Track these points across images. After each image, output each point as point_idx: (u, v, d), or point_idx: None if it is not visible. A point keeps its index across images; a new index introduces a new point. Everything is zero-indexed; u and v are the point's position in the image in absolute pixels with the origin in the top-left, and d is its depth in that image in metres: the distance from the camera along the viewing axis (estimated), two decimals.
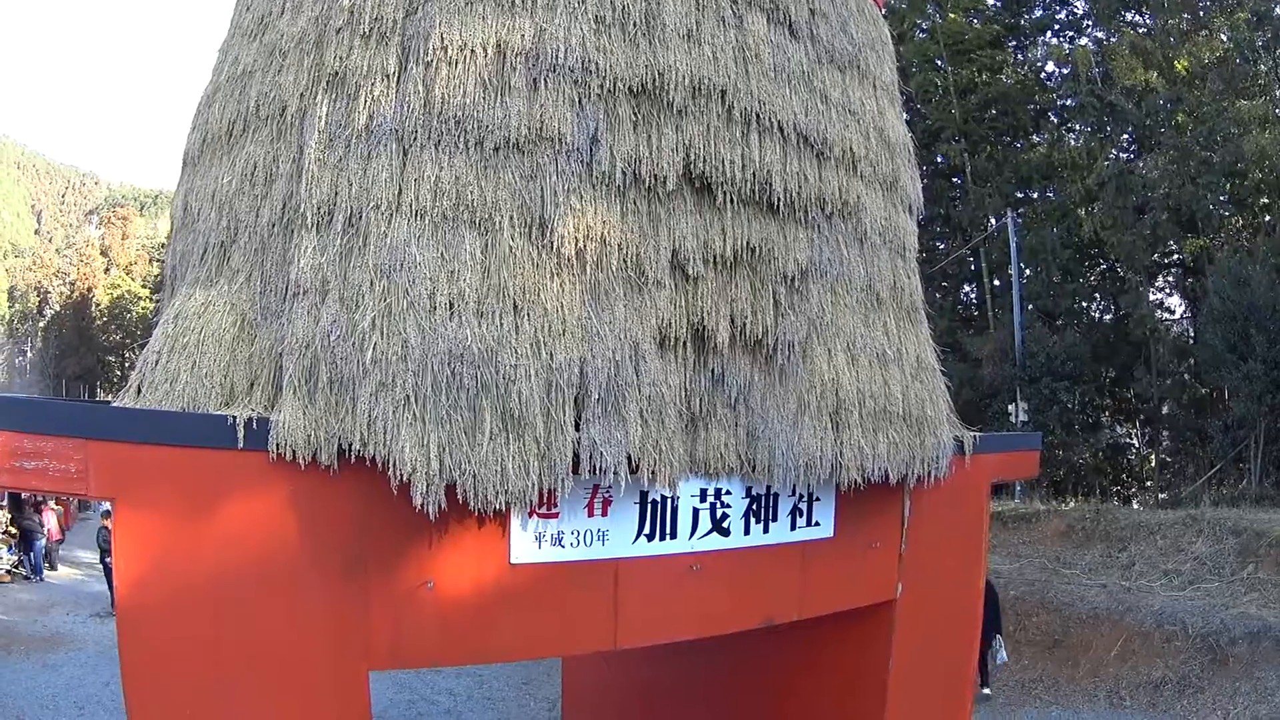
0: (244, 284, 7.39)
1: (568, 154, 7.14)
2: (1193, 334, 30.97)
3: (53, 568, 27.89)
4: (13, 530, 27.31)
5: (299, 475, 6.47)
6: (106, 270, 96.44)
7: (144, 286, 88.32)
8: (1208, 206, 28.18)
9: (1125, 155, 32.96)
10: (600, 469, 6.79)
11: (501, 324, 6.65)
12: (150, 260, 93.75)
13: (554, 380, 6.68)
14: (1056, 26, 36.57)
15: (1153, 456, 33.11)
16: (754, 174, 7.88)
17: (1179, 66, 30.59)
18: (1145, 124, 30.63)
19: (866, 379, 8.60)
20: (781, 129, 8.11)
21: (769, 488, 8.46)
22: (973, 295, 37.68)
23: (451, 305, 6.61)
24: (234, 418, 6.41)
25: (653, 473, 7.12)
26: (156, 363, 7.05)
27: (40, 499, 26.78)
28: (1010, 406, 28.38)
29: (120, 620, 6.32)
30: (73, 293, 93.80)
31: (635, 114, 7.46)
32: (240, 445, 6.37)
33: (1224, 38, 30.39)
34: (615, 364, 6.92)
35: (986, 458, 10.68)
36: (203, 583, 6.37)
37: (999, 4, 37.04)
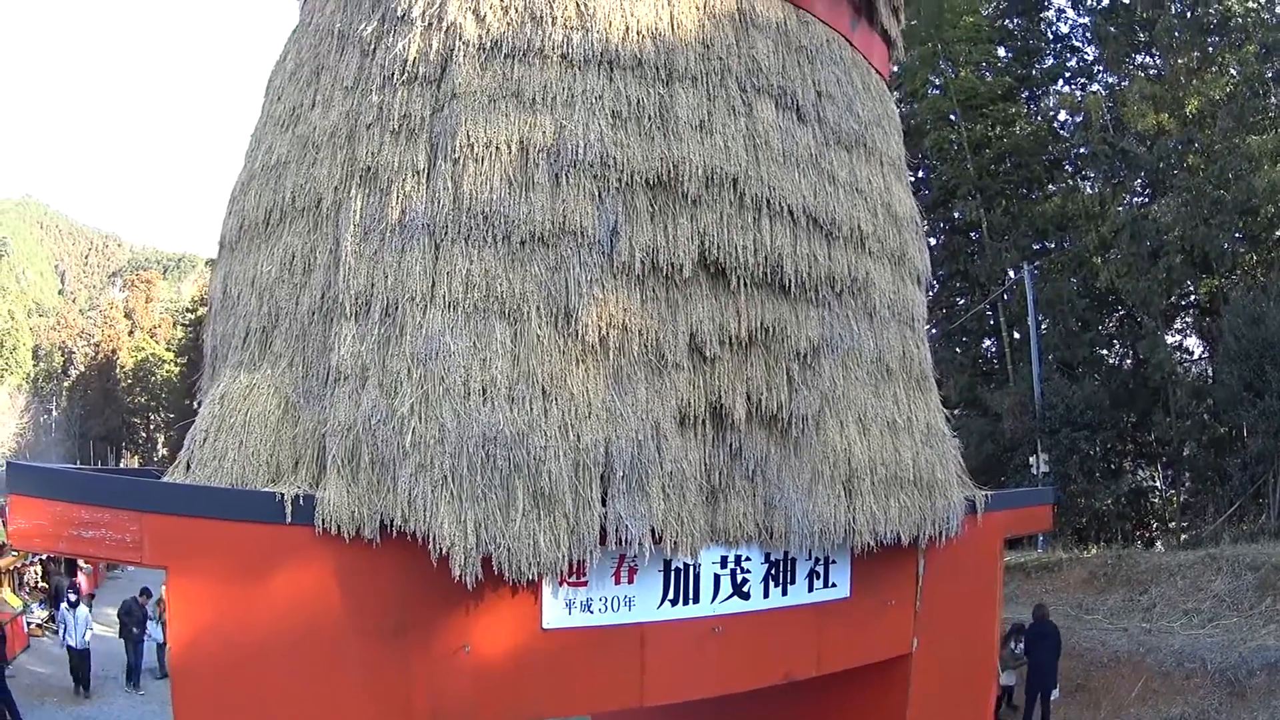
0: (286, 368, 7.84)
1: (589, 246, 7.59)
2: (1211, 374, 30.95)
3: None
4: (44, 585, 27.85)
5: (343, 548, 6.91)
6: (130, 333, 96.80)
7: (168, 350, 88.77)
8: (1221, 246, 28.16)
9: (1139, 199, 33.03)
10: (625, 541, 7.18)
11: (531, 408, 7.09)
12: (174, 324, 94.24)
13: (581, 460, 7.11)
14: (1068, 74, 36.73)
15: (1175, 497, 33.00)
16: (766, 258, 8.29)
17: (1189, 107, 30.68)
18: (1158, 167, 30.62)
19: (878, 447, 8.96)
20: (791, 212, 8.51)
21: (786, 553, 8.82)
22: (993, 349, 37.57)
23: (484, 391, 7.06)
24: (281, 494, 6.86)
25: (675, 543, 7.51)
26: (204, 441, 7.49)
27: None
28: (1031, 458, 28.43)
29: (174, 680, 6.74)
30: (97, 354, 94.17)
31: (652, 205, 7.90)
32: (288, 520, 6.83)
33: (1233, 72, 30.50)
34: (638, 443, 7.33)
35: (998, 515, 10.99)
36: (253, 646, 6.79)
37: (1009, 56, 37.21)
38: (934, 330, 36.62)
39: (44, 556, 27.42)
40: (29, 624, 25.23)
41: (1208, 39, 31.04)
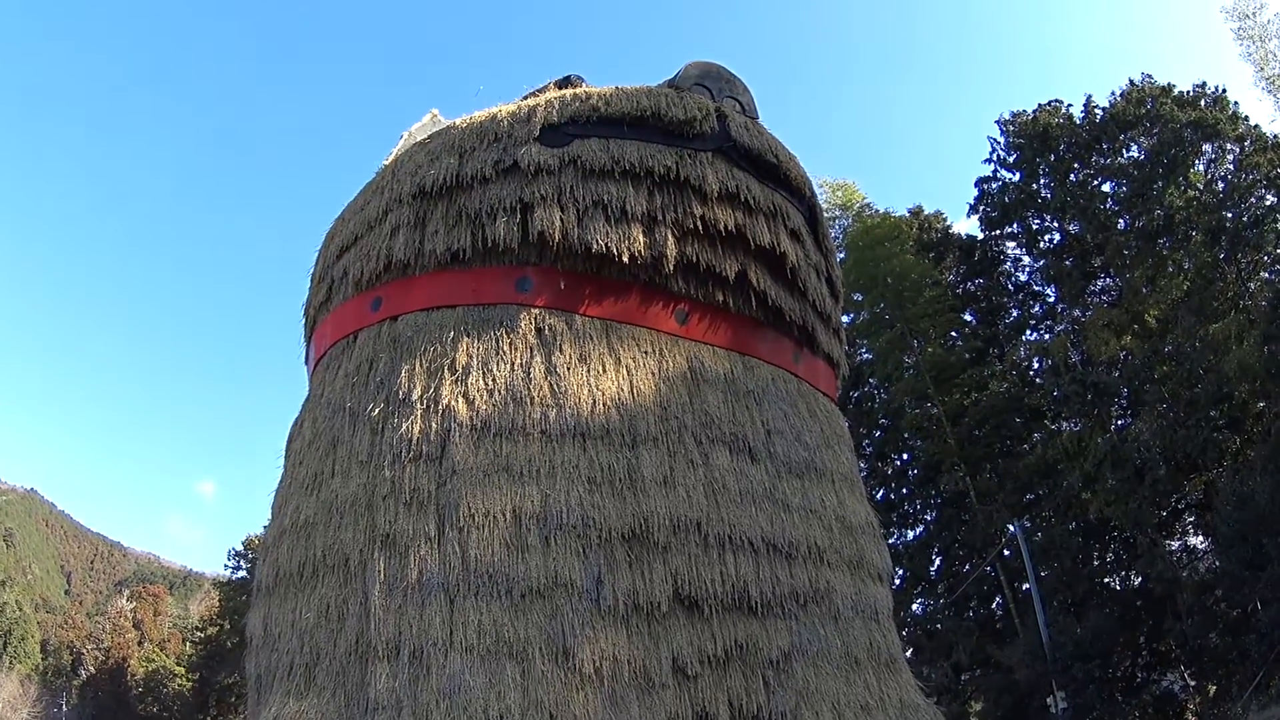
0: (330, 699, 9.13)
1: (579, 595, 9.02)
2: (1218, 564, 31.07)
3: None
4: None
5: None
6: (140, 643, 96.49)
7: (178, 665, 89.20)
8: (1203, 442, 28.80)
9: (1119, 422, 33.76)
10: None
11: None
12: (184, 640, 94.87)
13: None
14: (1033, 322, 37.81)
15: (1205, 689, 32.83)
16: (733, 586, 9.61)
17: (1149, 319, 31.98)
18: (1133, 384, 31.65)
19: None
20: (751, 544, 9.88)
21: None
22: (1001, 607, 37.66)
23: (502, 718, 8.38)
24: None
25: None
26: None
27: None
28: (1049, 700, 28.76)
29: None
30: (107, 660, 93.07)
31: (629, 555, 9.34)
32: None
33: (1185, 265, 31.75)
34: None
35: None
36: None
37: (976, 319, 38.69)
38: (941, 600, 37.03)
39: None
40: None
41: (1157, 243, 32.42)
